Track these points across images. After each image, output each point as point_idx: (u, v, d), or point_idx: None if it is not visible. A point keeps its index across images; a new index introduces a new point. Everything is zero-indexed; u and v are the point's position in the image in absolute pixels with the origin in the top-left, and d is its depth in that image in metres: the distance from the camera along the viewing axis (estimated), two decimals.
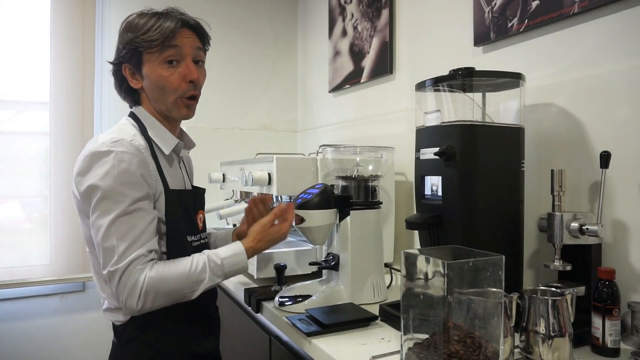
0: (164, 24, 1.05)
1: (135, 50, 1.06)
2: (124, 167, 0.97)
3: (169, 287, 0.97)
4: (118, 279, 0.94)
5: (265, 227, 1.13)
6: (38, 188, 2.25)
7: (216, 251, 1.06)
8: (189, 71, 1.07)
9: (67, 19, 2.23)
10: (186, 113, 1.12)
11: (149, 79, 1.07)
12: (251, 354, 1.53)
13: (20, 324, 2.20)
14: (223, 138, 2.51)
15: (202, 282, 1.01)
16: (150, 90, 1.09)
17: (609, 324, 0.94)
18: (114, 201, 0.96)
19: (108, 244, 0.95)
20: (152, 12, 1.08)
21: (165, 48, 1.05)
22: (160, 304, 0.98)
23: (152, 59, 1.06)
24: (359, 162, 1.33)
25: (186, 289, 0.99)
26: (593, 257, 1.04)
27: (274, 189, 1.47)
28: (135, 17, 1.07)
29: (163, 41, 1.04)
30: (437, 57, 1.66)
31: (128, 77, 1.10)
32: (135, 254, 0.95)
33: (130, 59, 1.07)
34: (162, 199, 1.05)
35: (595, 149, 1.11)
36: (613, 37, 1.10)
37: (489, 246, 0.91)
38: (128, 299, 0.95)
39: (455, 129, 1.08)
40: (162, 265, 0.98)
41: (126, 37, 1.06)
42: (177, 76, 1.07)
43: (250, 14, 2.62)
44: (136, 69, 1.08)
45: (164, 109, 1.11)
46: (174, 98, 1.08)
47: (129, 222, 0.96)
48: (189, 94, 1.09)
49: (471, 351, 0.79)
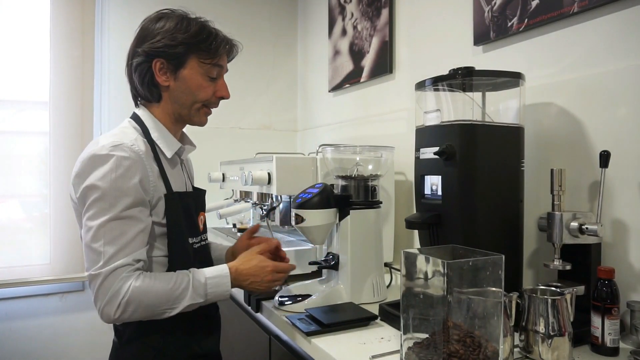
0: (220, 41, 1.10)
1: (185, 52, 1.06)
2: (121, 172, 0.96)
3: (149, 301, 0.95)
4: (99, 283, 0.93)
5: (252, 252, 1.13)
6: (38, 187, 2.24)
7: (202, 270, 1.04)
8: (223, 89, 1.14)
9: (66, 19, 2.23)
10: (205, 121, 1.17)
11: (185, 82, 1.08)
12: (251, 354, 1.53)
13: (19, 324, 2.20)
14: (223, 137, 2.51)
15: (182, 300, 0.98)
16: (180, 93, 1.09)
17: (609, 323, 0.94)
18: (108, 204, 0.95)
19: (95, 246, 0.94)
20: (201, 20, 1.10)
21: (215, 64, 1.10)
22: (138, 317, 0.96)
23: (198, 67, 1.08)
24: (359, 162, 1.33)
25: (166, 305, 0.97)
26: (592, 256, 1.04)
27: (274, 188, 1.47)
28: (182, 18, 1.08)
29: (218, 56, 1.10)
30: (437, 57, 1.66)
31: (156, 71, 1.07)
32: (121, 261, 0.94)
33: (171, 57, 1.06)
34: (162, 202, 1.04)
35: (595, 148, 1.11)
36: (613, 37, 1.10)
37: (489, 245, 0.91)
38: (107, 305, 0.93)
39: (455, 128, 1.08)
40: (147, 278, 0.96)
41: (175, 35, 1.05)
42: (212, 89, 1.12)
43: (250, 13, 2.62)
44: (173, 67, 1.07)
45: (185, 113, 1.12)
46: (200, 106, 1.12)
47: (119, 228, 0.95)
48: (213, 107, 1.16)
49: (471, 350, 0.79)
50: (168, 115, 1.12)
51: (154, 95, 1.10)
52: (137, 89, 1.11)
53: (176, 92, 1.09)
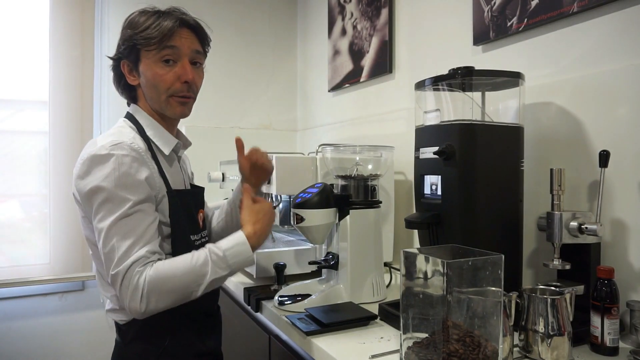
0: (163, 22, 1.04)
1: (134, 47, 1.06)
2: (124, 170, 0.96)
3: (171, 285, 0.94)
4: (120, 283, 0.93)
5: (252, 207, 1.11)
6: (37, 187, 2.24)
7: (218, 243, 1.02)
8: (184, 71, 1.07)
9: (66, 18, 2.23)
10: (181, 110, 1.10)
11: (145, 76, 1.07)
12: (251, 353, 1.53)
13: (19, 323, 2.20)
14: (222, 137, 2.50)
15: (205, 276, 0.97)
16: (146, 88, 1.09)
17: (608, 323, 0.94)
18: (115, 204, 0.95)
19: (109, 246, 0.94)
20: (154, 11, 1.08)
21: (163, 47, 1.05)
22: (166, 304, 0.95)
23: (149, 57, 1.06)
24: (359, 162, 1.33)
25: (190, 284, 0.96)
26: (592, 256, 1.04)
27: (274, 188, 1.47)
28: (137, 15, 1.08)
29: (161, 40, 1.04)
30: (437, 56, 1.66)
31: (126, 73, 1.10)
32: (135, 256, 0.93)
33: (129, 56, 1.07)
34: (165, 200, 1.04)
35: (595, 148, 1.11)
36: (612, 36, 1.10)
37: (488, 245, 0.91)
38: (131, 302, 0.92)
39: (454, 128, 1.08)
40: (161, 264, 0.96)
41: (126, 33, 1.06)
42: (172, 75, 1.06)
43: (250, 12, 2.62)
44: (134, 65, 1.08)
45: (158, 108, 1.10)
46: (166, 97, 1.08)
47: (129, 224, 0.95)
48: (181, 93, 1.08)
49: (470, 350, 0.79)
50: (151, 113, 1.12)
51: (132, 96, 1.13)
52: (119, 92, 1.15)
53: (144, 88, 1.10)
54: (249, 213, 1.10)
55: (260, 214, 1.09)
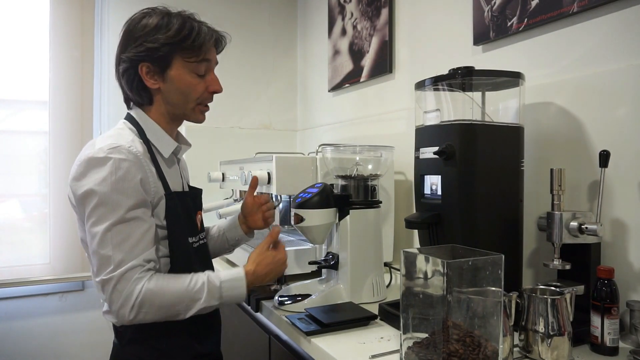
0: (201, 34, 1.05)
1: (169, 53, 1.03)
2: (121, 174, 0.95)
3: (163, 301, 0.95)
4: (112, 287, 0.92)
5: (262, 249, 1.13)
6: (37, 187, 2.24)
7: (217, 273, 1.04)
8: (214, 84, 1.11)
9: (66, 19, 2.23)
10: (203, 118, 1.16)
11: (174, 83, 1.06)
12: (251, 353, 1.53)
13: (19, 323, 2.20)
14: (222, 137, 2.51)
15: (197, 302, 0.97)
16: (171, 94, 1.07)
17: (608, 323, 0.94)
18: (110, 209, 0.94)
19: (103, 252, 0.93)
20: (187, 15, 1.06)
21: (201, 60, 1.07)
22: (152, 318, 0.95)
23: (184, 66, 1.05)
24: (359, 162, 1.33)
25: (181, 306, 0.97)
26: (592, 256, 1.04)
27: (274, 188, 1.47)
28: (161, 18, 1.04)
29: (201, 52, 1.06)
30: (437, 56, 1.66)
31: (144, 75, 1.05)
32: (131, 264, 0.93)
33: (156, 60, 1.03)
34: (163, 203, 1.04)
35: (595, 148, 1.11)
36: (612, 36, 1.10)
37: (489, 245, 0.91)
38: (121, 308, 0.92)
39: (454, 128, 1.08)
40: (161, 279, 0.96)
41: (156, 37, 1.02)
42: (203, 85, 1.09)
43: (250, 12, 2.62)
44: (159, 70, 1.05)
45: (180, 113, 1.11)
46: (194, 105, 1.10)
47: (125, 231, 0.94)
48: (207, 102, 1.13)
49: (470, 350, 0.79)
50: (162, 116, 1.10)
51: (144, 99, 1.09)
52: (128, 94, 1.11)
53: (167, 93, 1.07)
54: (258, 253, 1.12)
55: (268, 260, 1.11)
